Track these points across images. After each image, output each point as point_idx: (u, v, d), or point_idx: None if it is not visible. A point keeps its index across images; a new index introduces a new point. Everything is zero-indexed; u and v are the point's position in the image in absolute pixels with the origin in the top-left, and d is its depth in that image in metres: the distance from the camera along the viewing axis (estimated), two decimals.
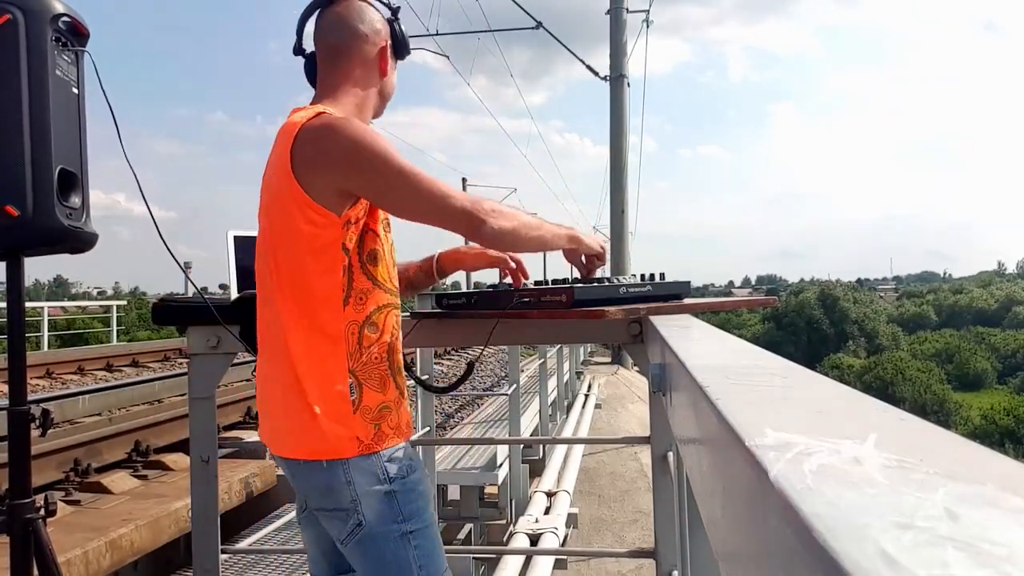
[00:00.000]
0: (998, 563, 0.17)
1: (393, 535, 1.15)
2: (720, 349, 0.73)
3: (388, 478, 1.16)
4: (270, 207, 1.20)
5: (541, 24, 12.57)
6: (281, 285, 1.18)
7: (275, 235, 1.19)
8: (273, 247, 1.19)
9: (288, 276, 1.17)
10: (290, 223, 1.16)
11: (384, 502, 1.15)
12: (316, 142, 1.15)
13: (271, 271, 1.20)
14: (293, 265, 1.17)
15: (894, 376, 35.42)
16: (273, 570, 3.05)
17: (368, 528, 1.14)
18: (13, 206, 1.37)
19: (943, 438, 0.29)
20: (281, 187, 1.17)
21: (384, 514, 1.15)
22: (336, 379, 1.16)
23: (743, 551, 0.31)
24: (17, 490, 1.47)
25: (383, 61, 1.31)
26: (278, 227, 1.18)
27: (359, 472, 1.15)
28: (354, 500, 1.14)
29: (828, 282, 60.47)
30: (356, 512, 1.14)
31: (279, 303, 1.18)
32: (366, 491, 1.14)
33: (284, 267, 1.18)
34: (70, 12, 1.47)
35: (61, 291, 71.99)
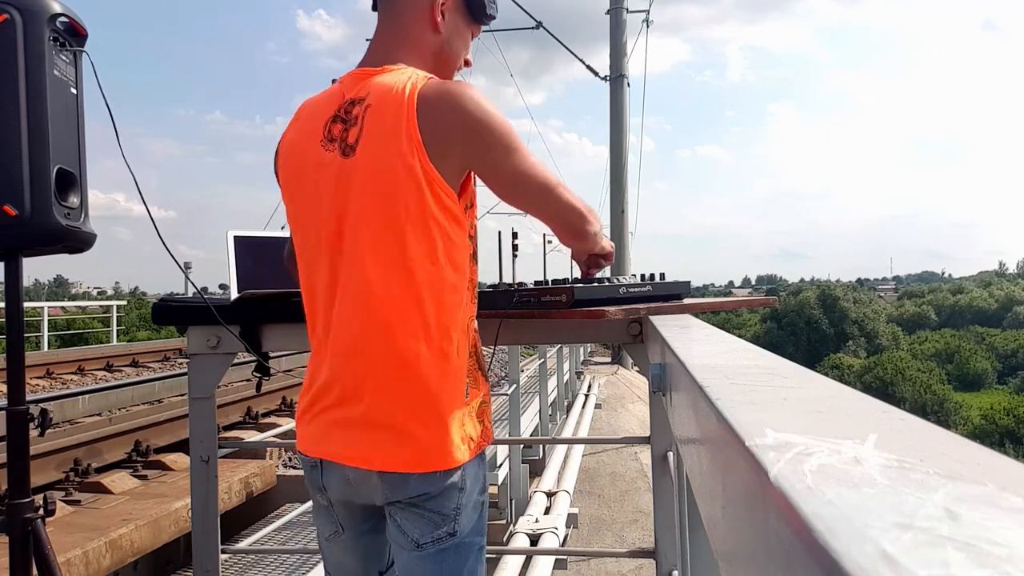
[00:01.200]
0: (998, 563, 0.17)
1: (475, 548, 1.10)
2: (720, 349, 0.73)
3: (483, 487, 1.10)
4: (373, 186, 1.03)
5: (541, 24, 12.58)
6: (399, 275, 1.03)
7: (389, 220, 1.02)
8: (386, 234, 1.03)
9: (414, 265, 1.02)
10: (420, 208, 1.01)
11: (477, 512, 1.10)
12: (444, 112, 1.02)
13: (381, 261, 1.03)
14: (420, 252, 1.02)
15: (894, 376, 35.44)
16: (273, 570, 3.05)
17: (458, 538, 1.06)
18: (11, 205, 1.37)
19: (943, 438, 0.29)
20: (404, 165, 1.01)
21: (475, 526, 1.09)
22: (461, 378, 1.07)
23: (743, 551, 0.31)
24: (16, 490, 1.47)
25: (434, 13, 1.13)
26: (397, 212, 1.02)
27: (471, 478, 1.07)
28: (458, 508, 1.05)
29: (828, 282, 60.56)
30: (454, 520, 1.05)
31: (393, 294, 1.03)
32: (467, 501, 1.07)
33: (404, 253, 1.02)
34: (68, 12, 1.47)
35: (61, 291, 72.01)
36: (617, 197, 13.37)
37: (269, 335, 1.54)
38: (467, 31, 1.21)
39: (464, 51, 1.21)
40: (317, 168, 1.10)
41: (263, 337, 1.54)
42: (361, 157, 1.05)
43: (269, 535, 3.24)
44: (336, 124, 1.09)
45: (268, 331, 1.54)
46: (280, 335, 1.54)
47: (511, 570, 3.44)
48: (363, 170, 1.05)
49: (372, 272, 1.04)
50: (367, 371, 1.05)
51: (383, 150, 1.03)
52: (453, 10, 1.16)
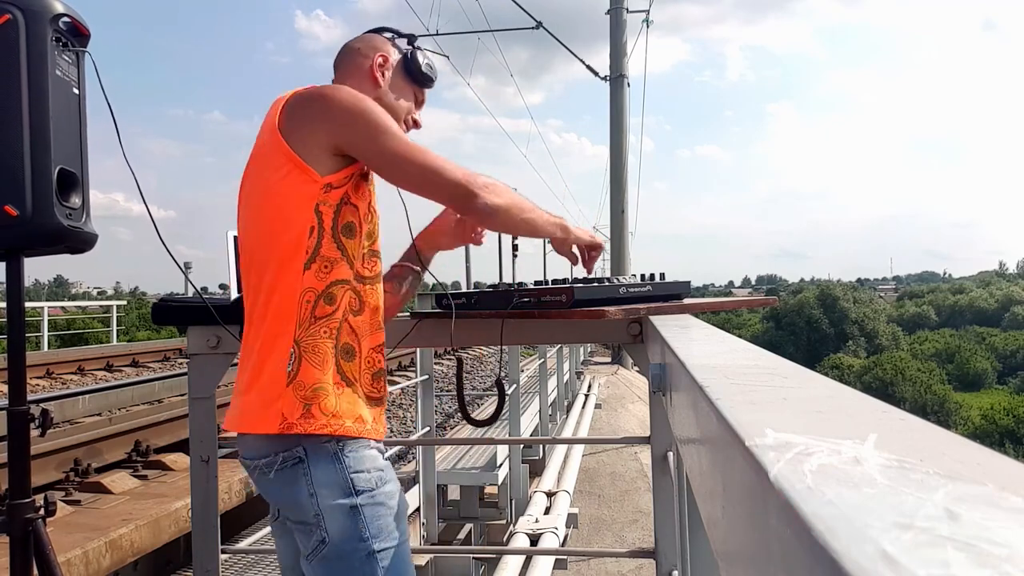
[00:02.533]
0: (998, 563, 0.17)
1: (359, 554, 1.08)
2: (720, 349, 0.73)
3: (354, 491, 1.10)
4: (254, 170, 1.19)
5: (541, 24, 12.57)
6: (254, 243, 1.17)
7: (254, 193, 1.17)
8: (251, 205, 1.18)
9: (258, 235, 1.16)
10: (268, 181, 1.14)
11: (350, 517, 1.09)
12: (312, 101, 1.15)
13: (249, 233, 1.19)
14: (264, 223, 1.15)
15: (894, 376, 35.42)
16: (273, 570, 3.05)
17: (332, 546, 1.08)
18: (12, 206, 1.37)
19: (943, 438, 0.29)
20: (266, 147, 1.16)
21: (349, 531, 1.08)
22: (281, 347, 1.12)
23: (743, 551, 0.31)
24: (17, 490, 1.47)
25: (373, 72, 1.30)
26: (259, 184, 1.16)
27: (322, 484, 1.09)
28: (318, 515, 1.09)
29: (828, 282, 60.51)
30: (320, 528, 1.09)
31: (252, 263, 1.17)
32: (330, 505, 1.08)
33: (258, 224, 1.16)
34: (70, 12, 1.47)
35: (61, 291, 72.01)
36: (617, 197, 13.36)
37: None
38: (408, 90, 1.34)
39: (405, 109, 1.33)
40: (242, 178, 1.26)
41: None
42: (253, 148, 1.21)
43: (269, 535, 3.24)
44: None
45: None
46: None
47: (511, 570, 3.44)
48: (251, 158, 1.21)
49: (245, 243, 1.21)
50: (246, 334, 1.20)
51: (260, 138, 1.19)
52: (395, 72, 1.33)
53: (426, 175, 1.16)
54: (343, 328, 1.15)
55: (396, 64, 1.33)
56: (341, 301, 1.15)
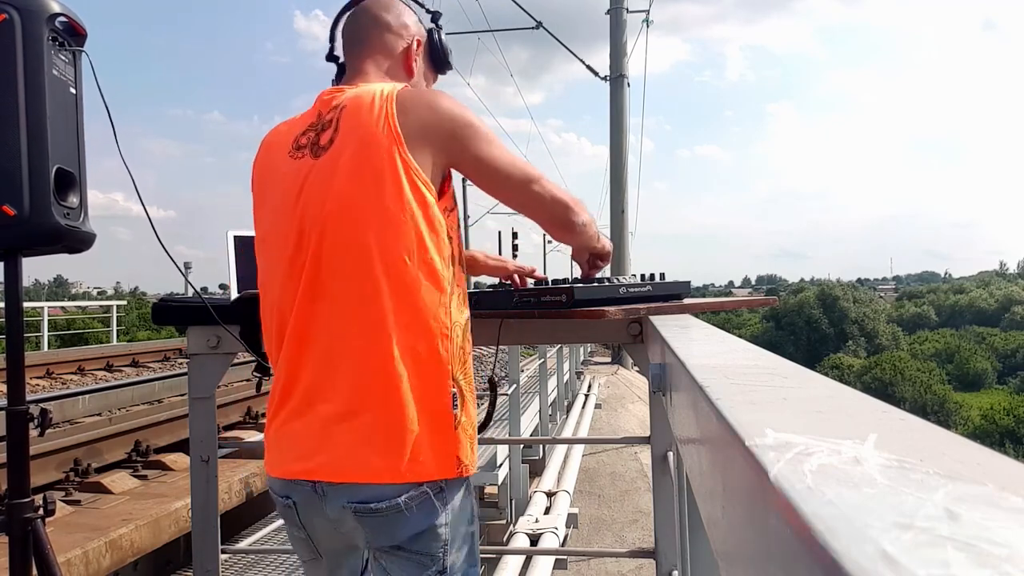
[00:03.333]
0: (998, 563, 0.17)
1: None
2: (720, 349, 0.72)
3: (472, 516, 1.05)
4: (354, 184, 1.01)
5: (541, 24, 12.57)
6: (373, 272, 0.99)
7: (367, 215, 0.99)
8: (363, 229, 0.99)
9: (391, 263, 0.99)
10: (393, 197, 0.98)
11: (468, 544, 1.05)
12: (423, 109, 1.03)
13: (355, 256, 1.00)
14: (399, 249, 0.98)
15: (894, 376, 35.44)
16: (273, 570, 3.05)
17: (449, 574, 1.02)
18: (10, 205, 1.37)
19: (943, 438, 0.29)
20: (374, 159, 0.99)
21: (466, 559, 1.04)
22: (440, 386, 1.00)
23: (743, 551, 0.31)
24: (16, 490, 1.46)
25: (409, 58, 1.20)
26: (376, 206, 0.99)
27: (456, 512, 1.02)
28: (446, 544, 1.01)
29: (828, 282, 60.52)
30: (442, 558, 1.01)
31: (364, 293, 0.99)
32: (456, 535, 1.02)
33: (383, 252, 0.99)
34: (67, 12, 1.46)
35: (61, 291, 72.03)
36: (617, 197, 13.36)
37: None
38: (430, 77, 1.29)
39: None
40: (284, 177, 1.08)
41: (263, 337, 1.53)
42: (335, 152, 1.03)
43: (269, 535, 3.24)
44: (306, 135, 1.10)
45: None
46: None
47: (511, 570, 3.44)
48: (337, 164, 1.03)
49: (353, 272, 1.00)
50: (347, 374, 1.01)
51: (360, 143, 1.02)
52: (422, 58, 1.25)
53: (530, 189, 1.09)
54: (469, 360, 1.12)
55: (424, 47, 1.24)
56: (469, 334, 1.11)
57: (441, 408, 1.01)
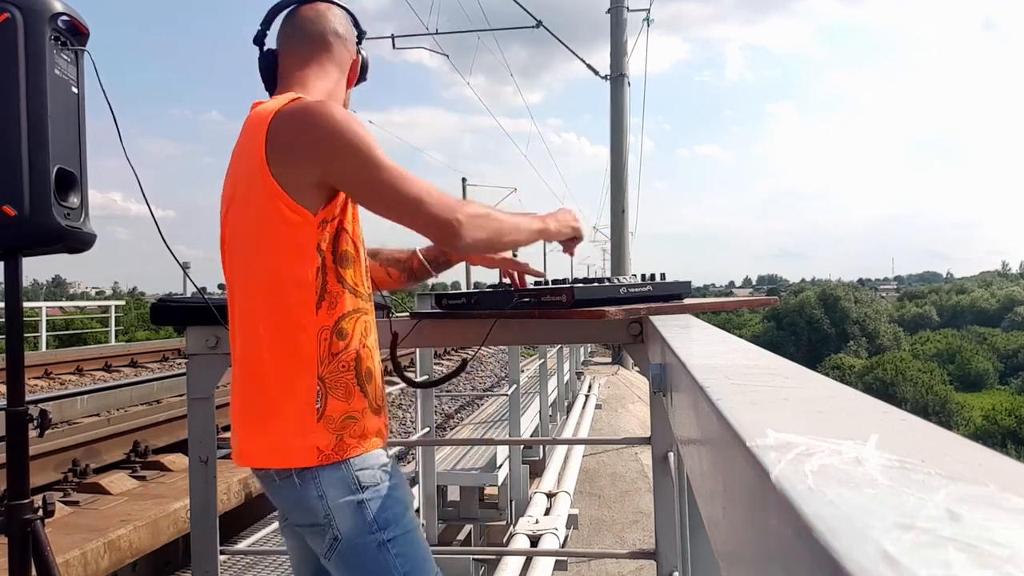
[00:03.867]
0: (1000, 564, 0.17)
1: (371, 545, 1.12)
2: (720, 349, 0.72)
3: (359, 487, 1.13)
4: (241, 205, 1.16)
5: (541, 23, 12.57)
6: (254, 288, 1.15)
7: (247, 235, 1.15)
8: (246, 248, 1.16)
9: (262, 279, 1.14)
10: (264, 222, 1.11)
11: (357, 512, 1.12)
12: (293, 129, 1.10)
13: (244, 274, 1.17)
14: (268, 267, 1.13)
15: (895, 376, 35.43)
16: (272, 571, 3.05)
17: (345, 541, 1.12)
18: (10, 206, 1.37)
19: (944, 439, 0.29)
20: (253, 182, 1.11)
21: (359, 525, 1.12)
22: (304, 386, 1.13)
23: (744, 552, 0.31)
24: (15, 491, 1.46)
25: (348, 71, 1.29)
26: (252, 226, 1.14)
27: (330, 485, 1.12)
28: (327, 515, 1.12)
29: (829, 282, 60.52)
30: (331, 526, 1.12)
31: (252, 307, 1.15)
32: (338, 504, 1.12)
33: (258, 269, 1.14)
34: (69, 11, 1.46)
35: (60, 291, 72.04)
36: (617, 197, 13.37)
37: None
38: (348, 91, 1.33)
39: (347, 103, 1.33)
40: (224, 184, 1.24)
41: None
42: (231, 167, 1.19)
43: (268, 536, 3.24)
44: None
45: None
46: None
47: (511, 571, 3.44)
48: (229, 186, 1.20)
49: (242, 281, 1.18)
50: (243, 372, 1.19)
51: (240, 169, 1.16)
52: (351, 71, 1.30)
53: (412, 210, 1.12)
54: (362, 356, 1.17)
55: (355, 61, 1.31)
56: (354, 331, 1.16)
57: (303, 402, 1.13)
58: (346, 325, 1.16)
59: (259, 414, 1.16)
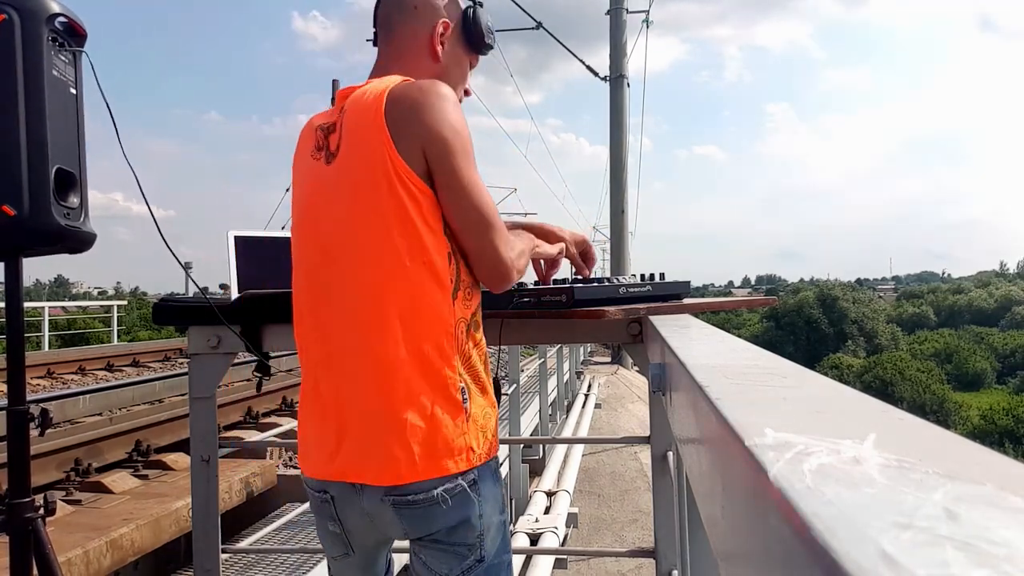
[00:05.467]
0: (998, 563, 0.17)
1: (502, 567, 1.09)
2: (720, 349, 0.73)
3: (503, 505, 1.08)
4: (361, 189, 1.03)
5: (541, 24, 12.56)
6: (383, 277, 1.02)
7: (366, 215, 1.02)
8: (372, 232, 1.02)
9: (394, 266, 1.01)
10: (391, 201, 1.00)
11: (501, 532, 1.08)
12: (410, 108, 1.02)
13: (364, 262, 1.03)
14: (398, 252, 1.01)
15: (893, 376, 35.41)
16: (273, 570, 3.05)
17: (487, 563, 1.06)
18: (10, 206, 1.37)
19: (942, 438, 0.29)
20: (376, 160, 1.01)
21: (500, 547, 1.08)
22: (451, 381, 1.03)
23: (743, 551, 0.31)
24: (17, 490, 1.47)
25: (434, 42, 1.15)
26: (372, 206, 1.02)
27: (488, 502, 1.05)
28: (481, 535, 1.05)
29: (827, 282, 60.48)
30: (480, 547, 1.05)
31: (379, 297, 1.02)
32: (491, 523, 1.06)
33: (384, 255, 1.02)
34: (66, 12, 1.46)
35: (62, 291, 72.01)
36: (617, 197, 13.36)
37: (270, 335, 1.54)
38: (465, 60, 1.21)
39: (462, 80, 1.21)
40: (308, 178, 1.13)
41: (264, 337, 1.54)
42: (341, 160, 1.07)
43: (270, 535, 3.24)
44: (319, 135, 1.13)
45: (269, 331, 1.54)
46: (281, 335, 1.54)
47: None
48: (343, 172, 1.06)
49: (358, 274, 1.04)
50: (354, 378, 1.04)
51: (357, 150, 1.05)
52: (453, 40, 1.18)
53: (483, 229, 1.05)
54: (485, 350, 1.13)
55: (456, 27, 1.17)
56: (483, 326, 1.13)
57: (449, 402, 1.03)
58: (480, 318, 1.12)
59: (390, 419, 1.01)
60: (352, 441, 1.04)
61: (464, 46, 1.19)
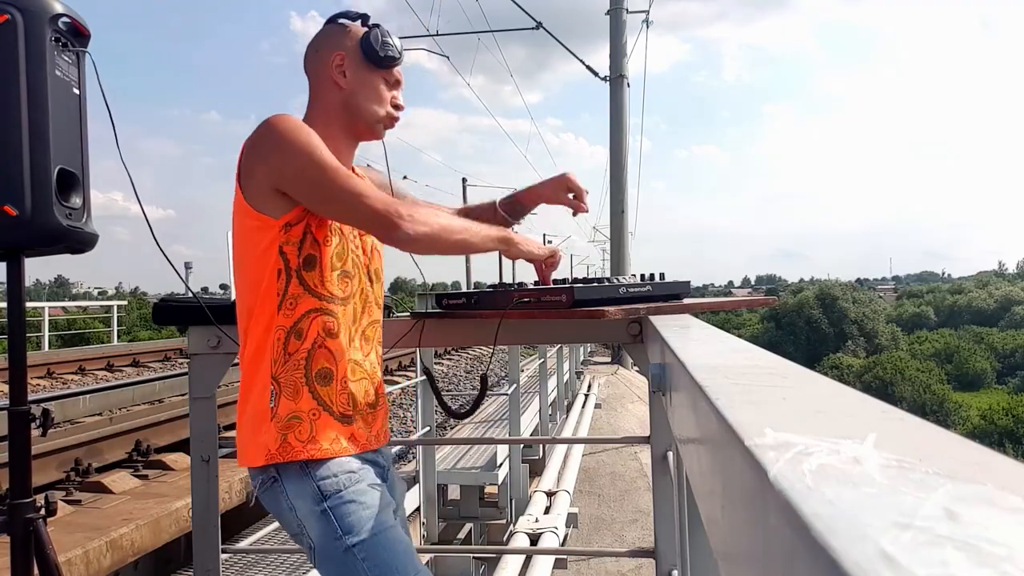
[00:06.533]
0: (997, 563, 0.17)
1: (339, 551, 1.14)
2: (720, 349, 0.73)
3: (322, 496, 1.16)
4: (232, 213, 1.25)
5: (541, 24, 12.55)
6: (239, 293, 1.24)
7: (234, 245, 1.25)
8: (234, 257, 1.25)
9: (241, 284, 1.23)
10: (238, 231, 1.22)
11: (323, 521, 1.16)
12: (252, 142, 1.19)
13: (235, 280, 1.25)
14: (242, 273, 1.22)
15: (893, 376, 35.39)
16: (273, 570, 3.05)
17: (318, 549, 1.16)
18: (12, 206, 1.37)
19: (942, 438, 0.29)
20: (235, 192, 1.22)
21: (326, 532, 1.15)
22: (261, 385, 1.20)
23: (743, 551, 0.31)
24: (17, 490, 1.47)
25: (333, 74, 1.28)
26: (234, 236, 1.24)
27: (296, 496, 1.17)
28: (300, 524, 1.17)
29: (827, 282, 60.42)
30: (305, 535, 1.17)
31: (239, 310, 1.25)
32: (305, 514, 1.17)
33: (239, 275, 1.23)
34: (70, 12, 1.46)
35: (62, 291, 71.98)
36: (617, 197, 13.35)
37: None
38: (376, 78, 1.30)
39: (376, 98, 1.30)
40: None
41: None
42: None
43: (269, 535, 3.24)
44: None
45: None
46: None
47: (511, 570, 3.44)
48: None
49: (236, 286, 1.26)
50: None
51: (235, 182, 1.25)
52: (355, 66, 1.29)
53: (349, 208, 1.18)
54: (316, 356, 1.21)
55: (354, 54, 1.28)
56: (310, 331, 1.21)
57: (258, 404, 1.19)
58: (303, 325, 1.20)
59: (238, 413, 1.24)
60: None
61: (367, 66, 1.29)
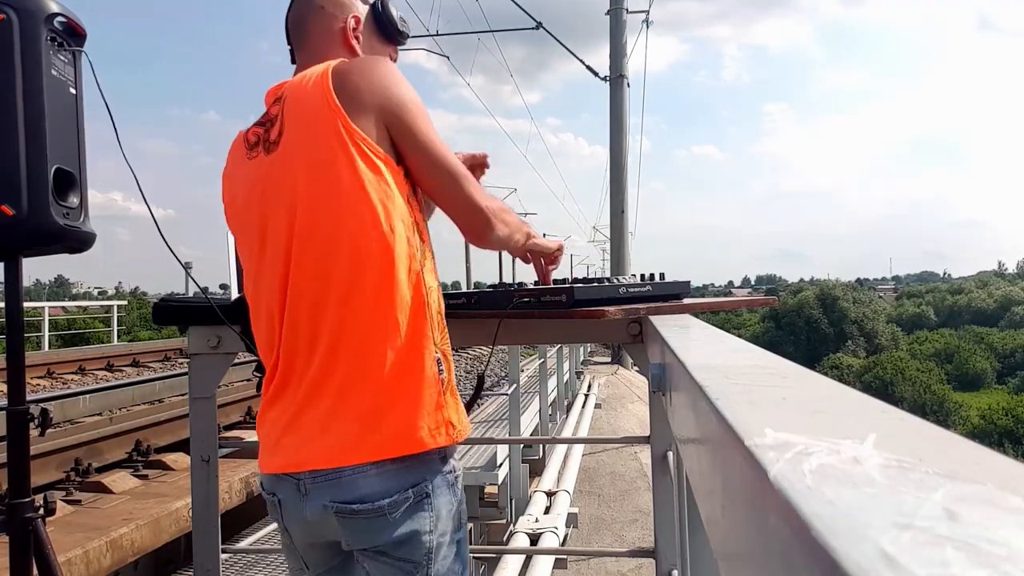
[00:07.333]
0: (997, 563, 0.17)
1: None
2: (720, 349, 0.73)
3: (460, 523, 1.01)
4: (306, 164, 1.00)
5: (541, 24, 12.55)
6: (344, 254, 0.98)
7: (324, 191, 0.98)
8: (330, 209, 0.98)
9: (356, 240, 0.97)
10: (348, 172, 0.97)
11: (454, 550, 1.00)
12: (358, 76, 1.00)
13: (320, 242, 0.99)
14: (361, 225, 0.97)
15: (893, 376, 35.42)
16: (273, 570, 3.05)
17: None
18: (8, 205, 1.37)
19: (942, 438, 0.29)
20: (330, 132, 0.98)
21: (451, 565, 1.00)
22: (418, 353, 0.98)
23: (743, 551, 0.31)
24: (16, 490, 1.47)
25: (348, 37, 1.14)
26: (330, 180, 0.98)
27: (441, 519, 0.98)
28: (430, 552, 0.97)
29: (827, 282, 60.43)
30: (426, 566, 0.97)
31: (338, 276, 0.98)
32: (443, 540, 0.99)
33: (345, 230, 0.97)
34: (65, 12, 1.46)
35: (62, 291, 72.02)
36: (617, 197, 13.36)
37: None
38: (383, 52, 1.20)
39: None
40: (243, 179, 1.09)
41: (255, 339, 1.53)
42: (286, 144, 1.03)
43: (269, 535, 3.24)
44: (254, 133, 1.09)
45: None
46: None
47: (511, 570, 3.44)
48: (291, 154, 1.02)
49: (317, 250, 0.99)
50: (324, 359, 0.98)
51: (306, 128, 1.01)
52: (367, 34, 1.17)
53: (458, 189, 1.04)
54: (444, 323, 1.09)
55: (368, 22, 1.17)
56: (441, 298, 1.09)
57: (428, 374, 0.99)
58: (433, 284, 1.05)
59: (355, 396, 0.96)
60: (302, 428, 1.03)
61: (379, 38, 1.18)
